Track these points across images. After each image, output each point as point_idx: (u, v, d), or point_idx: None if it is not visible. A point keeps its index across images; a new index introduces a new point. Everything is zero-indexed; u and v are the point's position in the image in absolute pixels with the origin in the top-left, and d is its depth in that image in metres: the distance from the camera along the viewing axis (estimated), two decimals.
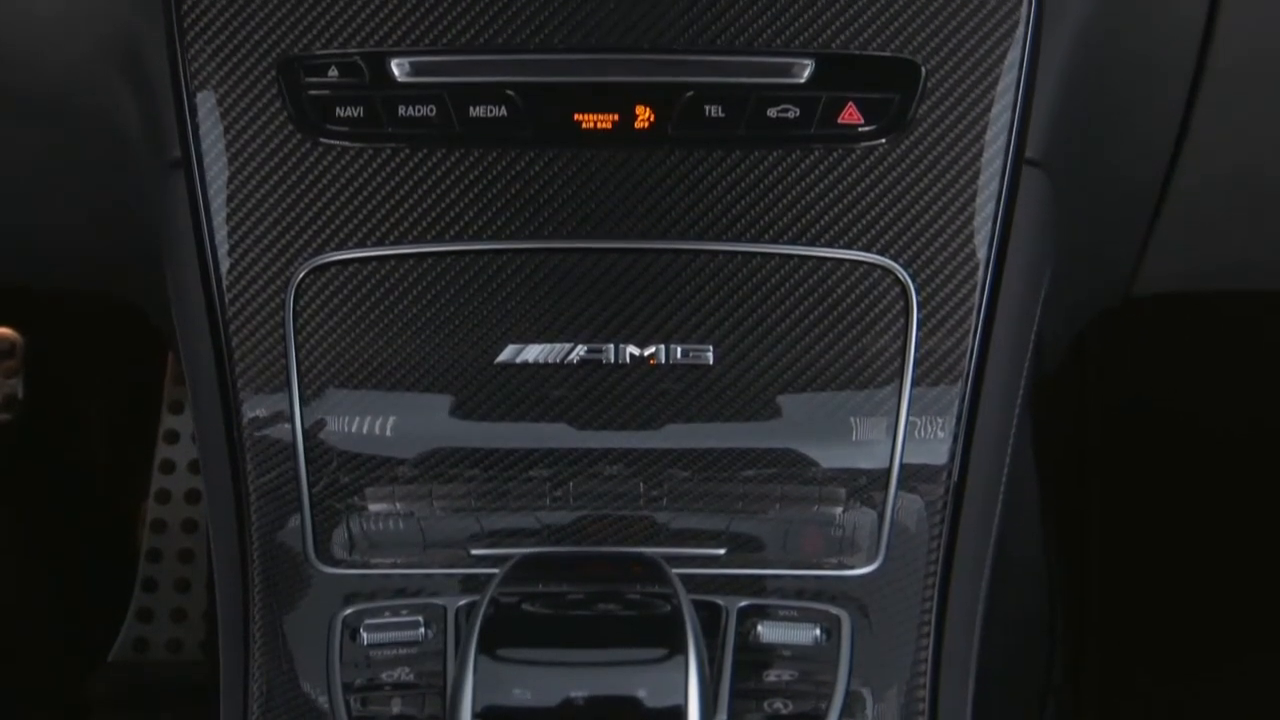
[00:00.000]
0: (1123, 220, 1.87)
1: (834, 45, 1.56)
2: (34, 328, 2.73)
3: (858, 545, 1.61)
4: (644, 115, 1.57)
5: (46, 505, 2.72)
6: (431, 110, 1.57)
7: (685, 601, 1.48)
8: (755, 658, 1.57)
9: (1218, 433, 2.63)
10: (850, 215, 1.58)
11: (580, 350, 1.58)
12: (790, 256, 1.58)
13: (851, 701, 1.57)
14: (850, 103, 1.57)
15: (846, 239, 1.58)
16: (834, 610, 1.58)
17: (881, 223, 1.58)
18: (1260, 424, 2.61)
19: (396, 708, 1.57)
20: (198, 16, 1.58)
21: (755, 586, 1.60)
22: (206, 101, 1.59)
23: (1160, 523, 2.63)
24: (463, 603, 1.58)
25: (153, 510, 2.70)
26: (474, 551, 1.61)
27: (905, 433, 1.59)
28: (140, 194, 1.71)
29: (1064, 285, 1.74)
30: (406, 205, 1.58)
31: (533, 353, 1.59)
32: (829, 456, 1.60)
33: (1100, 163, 1.77)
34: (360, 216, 1.58)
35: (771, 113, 1.57)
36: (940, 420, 1.59)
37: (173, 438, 2.71)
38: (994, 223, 1.59)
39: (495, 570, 1.54)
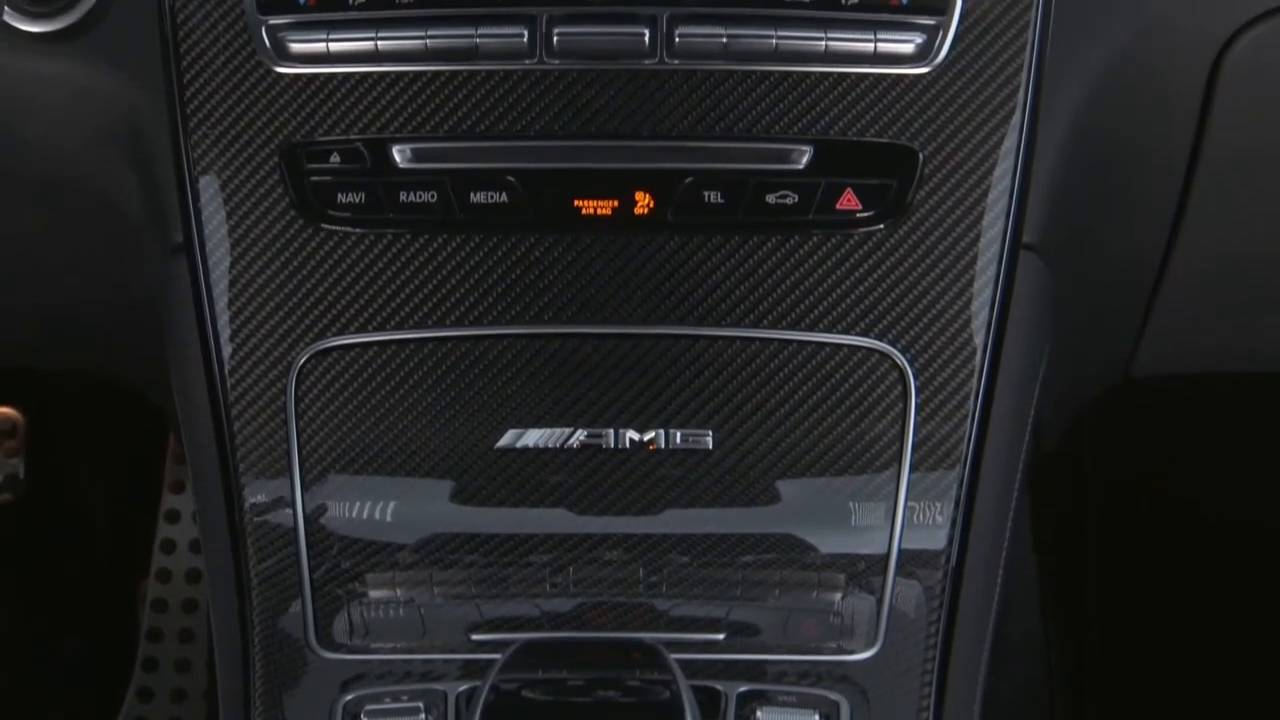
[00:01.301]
0: (1120, 303, 1.88)
1: (832, 132, 1.57)
2: (35, 407, 2.73)
3: (856, 630, 1.61)
4: (643, 201, 1.58)
5: (47, 584, 2.72)
6: (433, 196, 1.58)
7: (684, 688, 1.49)
8: None
9: (1216, 513, 2.63)
10: (848, 300, 1.58)
11: (580, 435, 1.59)
12: (789, 341, 1.59)
13: None
14: (848, 189, 1.58)
15: (844, 324, 1.59)
16: (833, 695, 1.58)
17: (879, 308, 1.59)
18: (1258, 505, 2.61)
19: None
20: (201, 103, 1.59)
21: (754, 671, 1.60)
22: (209, 187, 1.60)
23: (1159, 601, 2.63)
24: (463, 688, 1.58)
25: (153, 589, 2.69)
26: (474, 637, 1.61)
27: (904, 518, 1.59)
28: (142, 277, 1.71)
29: (1062, 367, 1.74)
30: (408, 290, 1.59)
31: (533, 437, 1.59)
32: (828, 542, 1.60)
33: (1097, 246, 1.78)
34: (362, 302, 1.59)
35: (770, 199, 1.57)
36: (939, 505, 1.60)
37: (174, 517, 2.71)
38: (991, 307, 1.60)
39: (496, 656, 1.54)
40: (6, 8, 1.59)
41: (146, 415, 2.19)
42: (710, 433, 1.59)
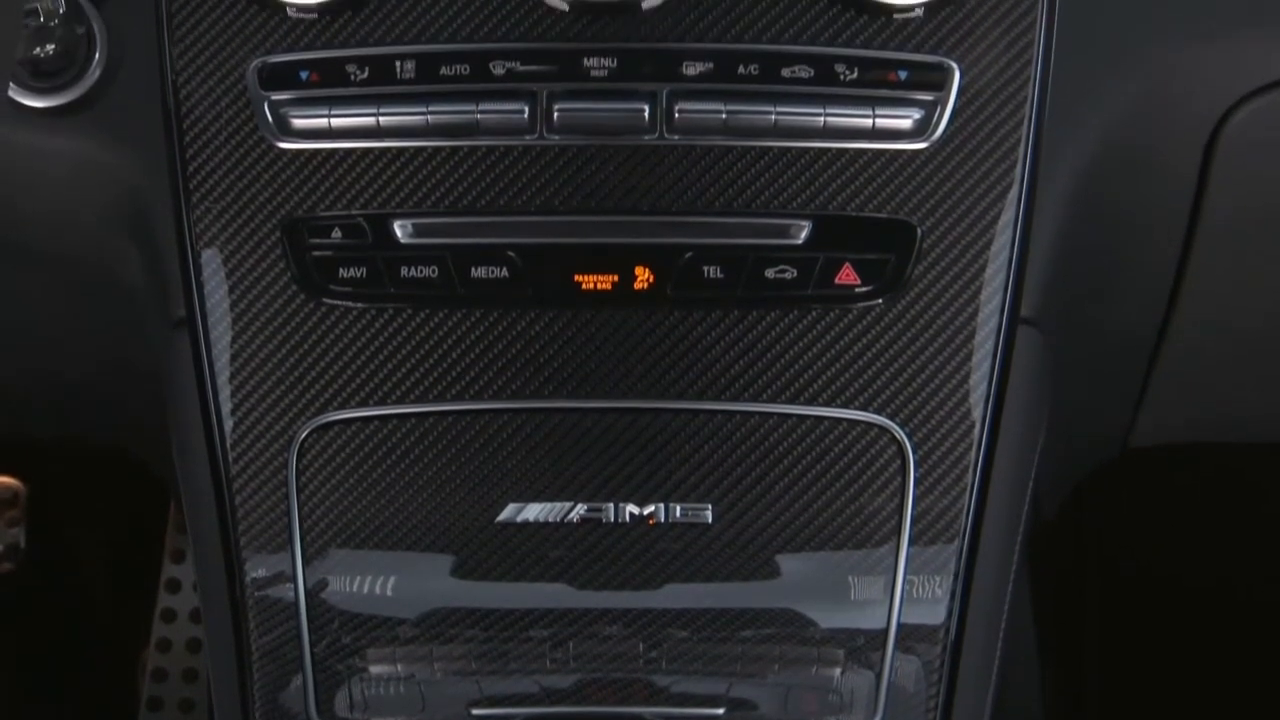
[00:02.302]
0: (1119, 373, 1.88)
1: (831, 207, 1.58)
2: (37, 476, 2.74)
3: (855, 705, 1.60)
4: (643, 276, 1.58)
5: (47, 653, 2.71)
6: (434, 271, 1.58)
7: None
8: None
9: (1216, 583, 2.63)
10: (847, 375, 1.59)
11: (580, 509, 1.59)
12: (788, 416, 1.59)
13: None
14: (847, 263, 1.58)
15: (843, 398, 1.59)
16: None
17: (878, 382, 1.59)
18: (1257, 575, 2.61)
19: None
20: (203, 178, 1.60)
21: None
22: (211, 261, 1.61)
23: (1159, 671, 2.62)
24: None
25: (153, 659, 2.68)
26: (475, 712, 1.61)
27: (903, 592, 1.59)
28: (144, 350, 1.72)
29: (1061, 438, 1.75)
30: (408, 365, 1.59)
31: (533, 512, 1.59)
32: (827, 616, 1.60)
33: (1095, 318, 1.78)
34: (363, 376, 1.60)
35: (769, 273, 1.58)
36: (938, 578, 1.60)
37: (174, 586, 2.71)
38: (990, 381, 1.60)
39: None
40: (11, 83, 1.60)
41: (147, 484, 2.19)
42: (710, 507, 1.59)
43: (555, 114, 1.57)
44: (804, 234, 1.58)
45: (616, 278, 1.58)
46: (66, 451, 2.62)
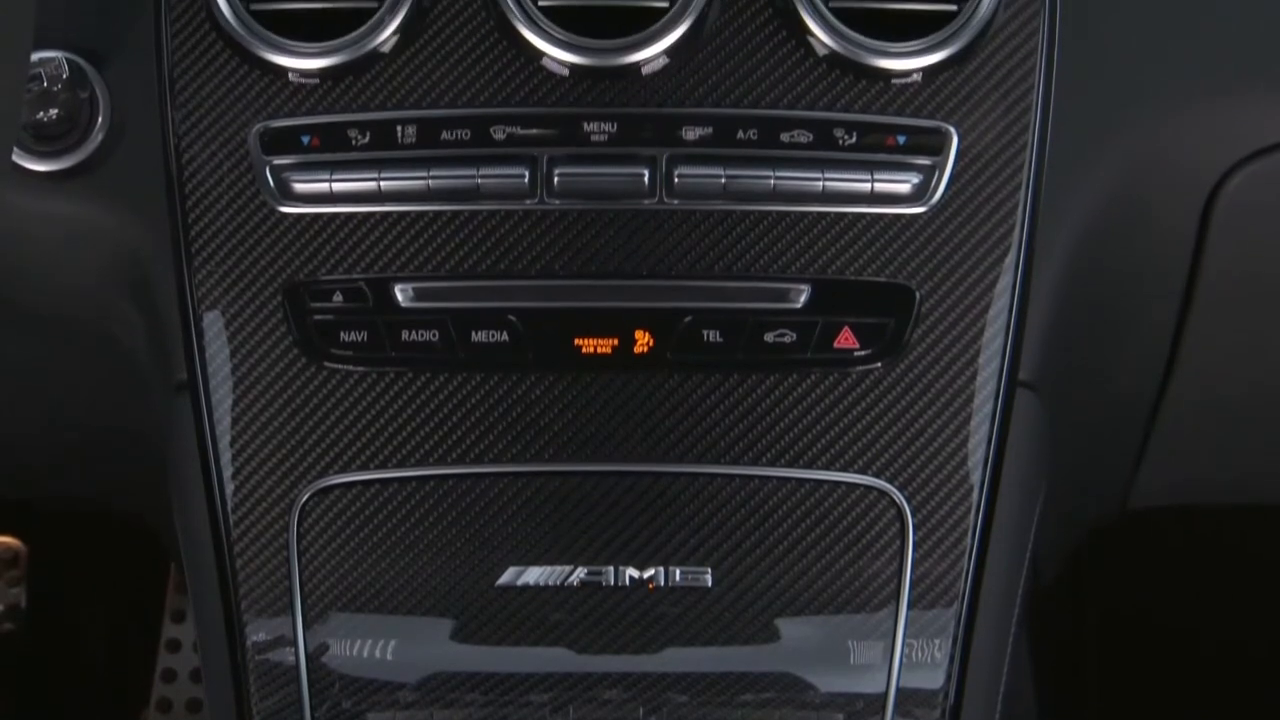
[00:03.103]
0: (1117, 436, 1.88)
1: (830, 271, 1.58)
2: (38, 536, 2.74)
3: None
4: (643, 340, 1.59)
5: (48, 713, 2.71)
6: (434, 335, 1.59)
7: None
8: None
9: (1215, 645, 2.63)
10: (846, 438, 1.59)
11: (580, 573, 1.59)
12: (787, 479, 1.59)
13: None
14: (846, 327, 1.58)
15: (842, 462, 1.59)
16: None
17: (877, 446, 1.59)
18: (1258, 637, 2.60)
19: None
20: (205, 242, 1.60)
21: None
22: (213, 325, 1.61)
23: None
24: None
25: (154, 719, 2.69)
26: None
27: (902, 656, 1.59)
28: (146, 414, 1.72)
29: (1059, 501, 1.75)
30: (409, 429, 1.59)
31: (533, 575, 1.59)
32: (826, 681, 1.60)
33: (1094, 381, 1.78)
34: (364, 440, 1.60)
35: (769, 337, 1.58)
36: (936, 642, 1.59)
37: (174, 646, 2.71)
38: (988, 445, 1.60)
39: None
40: (14, 147, 1.60)
41: (148, 545, 2.19)
42: (709, 570, 1.59)
43: (555, 178, 1.58)
44: (803, 298, 1.59)
45: (616, 341, 1.59)
46: (68, 512, 2.62)
